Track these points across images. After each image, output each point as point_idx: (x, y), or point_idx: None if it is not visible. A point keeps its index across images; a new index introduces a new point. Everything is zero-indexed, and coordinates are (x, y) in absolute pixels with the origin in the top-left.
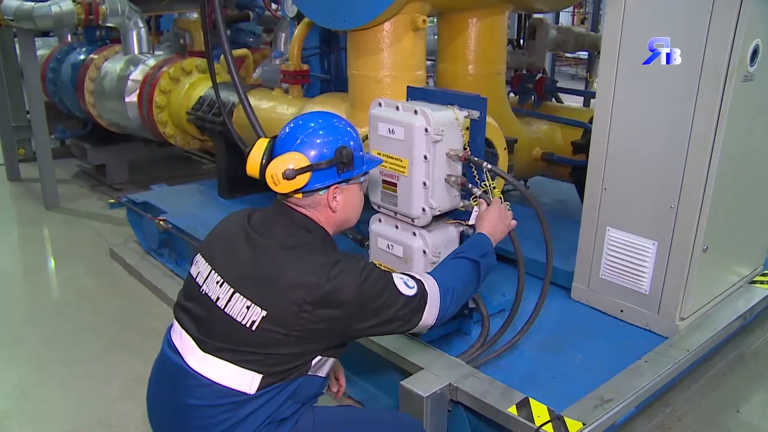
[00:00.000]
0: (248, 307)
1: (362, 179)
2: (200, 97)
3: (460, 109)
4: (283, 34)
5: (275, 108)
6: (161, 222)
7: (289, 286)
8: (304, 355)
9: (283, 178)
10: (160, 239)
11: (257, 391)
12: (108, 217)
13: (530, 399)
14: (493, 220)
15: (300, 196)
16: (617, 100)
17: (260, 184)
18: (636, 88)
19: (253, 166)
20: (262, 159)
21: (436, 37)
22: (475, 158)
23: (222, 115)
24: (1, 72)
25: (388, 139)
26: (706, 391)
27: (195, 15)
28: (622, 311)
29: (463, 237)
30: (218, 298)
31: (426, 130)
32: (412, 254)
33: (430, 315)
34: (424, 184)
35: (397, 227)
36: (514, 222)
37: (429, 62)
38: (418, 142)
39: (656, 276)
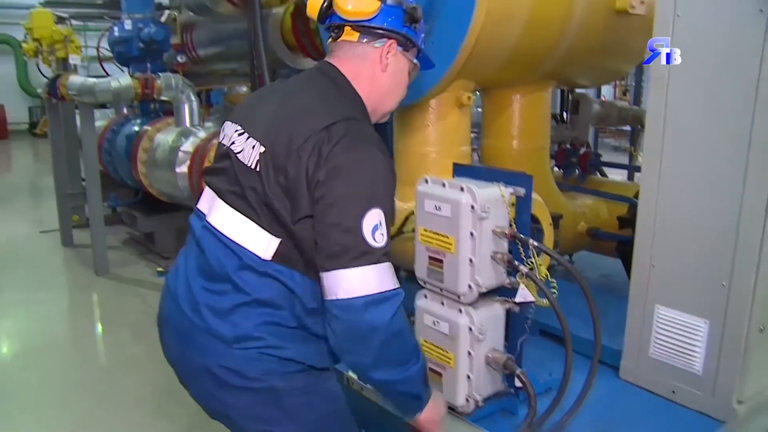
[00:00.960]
0: (253, 147)
1: (415, 61)
2: None
3: (506, 186)
4: None
5: None
6: None
7: (291, 121)
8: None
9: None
10: None
11: (272, 258)
12: (155, 284)
13: None
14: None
15: (356, 36)
16: (664, 175)
17: None
18: (683, 162)
19: (316, 1)
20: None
21: (479, 109)
22: (522, 236)
23: None
24: (61, 141)
25: (435, 216)
26: None
27: (244, 89)
28: (673, 392)
29: (509, 314)
30: (239, 150)
31: (472, 207)
32: (458, 331)
33: (365, 277)
34: (470, 261)
35: (443, 304)
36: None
37: (473, 134)
38: (465, 220)
39: (709, 356)
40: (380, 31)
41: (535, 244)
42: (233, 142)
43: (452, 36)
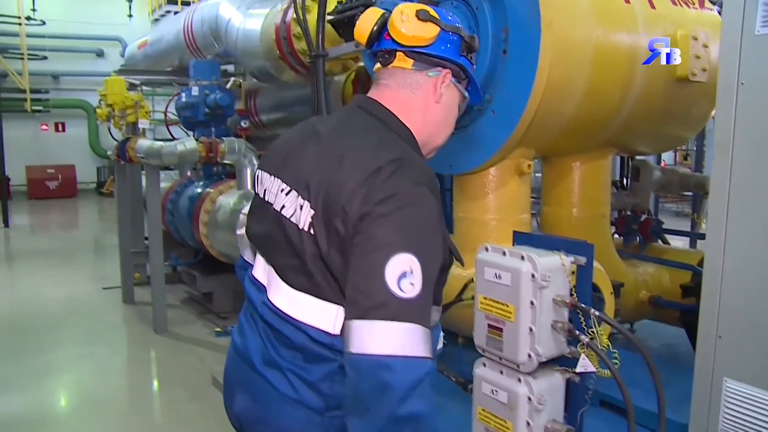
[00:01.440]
0: (302, 207)
1: (466, 94)
2: None
3: (567, 255)
4: None
5: None
6: None
7: (336, 172)
8: None
9: (419, 19)
10: None
11: (340, 332)
12: (212, 344)
13: None
14: None
15: (411, 62)
16: (729, 243)
17: None
18: (750, 230)
19: (363, 27)
20: (375, 23)
21: (537, 174)
22: (582, 305)
23: None
24: (126, 201)
25: (495, 284)
26: None
27: None
28: None
29: (569, 384)
30: (289, 211)
31: (533, 276)
32: (516, 401)
33: (383, 336)
34: (530, 329)
35: (501, 372)
36: None
37: (532, 199)
38: (525, 288)
39: None
40: (436, 60)
41: (596, 313)
42: (280, 202)
43: (513, 105)
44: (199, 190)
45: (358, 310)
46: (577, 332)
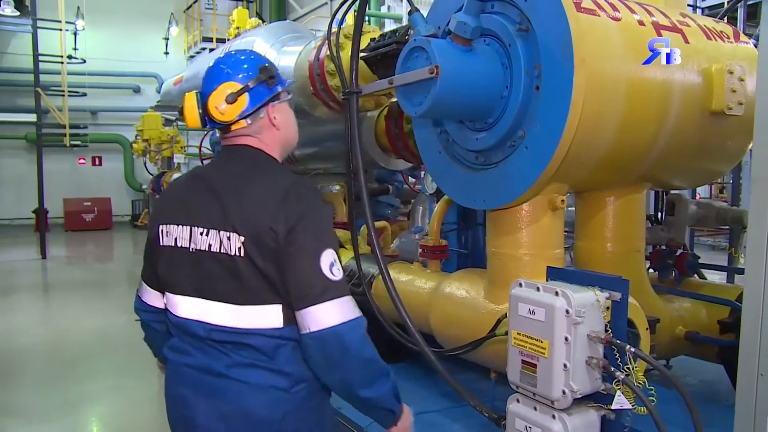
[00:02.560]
0: (229, 238)
1: (289, 95)
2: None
3: (601, 291)
4: (421, 208)
5: (414, 281)
6: None
7: (250, 205)
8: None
9: (227, 103)
10: None
11: (284, 324)
12: None
13: None
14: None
15: (244, 124)
16: None
17: (394, 356)
18: None
19: (192, 116)
20: (198, 108)
21: (570, 209)
22: (618, 341)
23: (362, 286)
24: None
25: (529, 319)
26: None
27: (337, 188)
28: None
29: (604, 421)
30: (214, 245)
31: (567, 311)
32: None
33: (335, 310)
34: (565, 366)
35: (535, 409)
36: None
37: (566, 233)
38: (559, 324)
39: None
40: (260, 109)
41: (632, 349)
42: (202, 243)
43: (546, 141)
44: None
45: (309, 299)
46: (612, 368)
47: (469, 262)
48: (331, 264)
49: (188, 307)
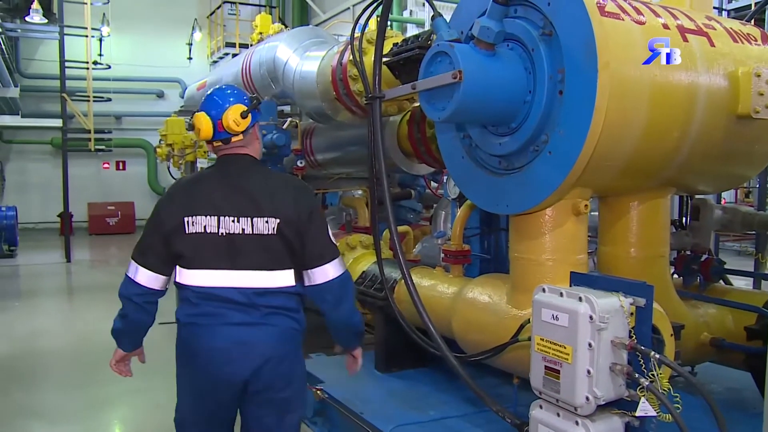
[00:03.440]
0: (267, 221)
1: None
2: (363, 271)
3: (626, 296)
4: (443, 213)
5: (436, 286)
6: (318, 392)
7: (279, 197)
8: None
9: (241, 118)
10: (315, 408)
11: (295, 282)
12: None
13: None
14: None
15: (242, 137)
16: None
17: (417, 361)
18: None
19: (207, 128)
20: (211, 122)
21: (594, 213)
22: (642, 347)
23: (384, 291)
24: None
25: (552, 325)
26: None
27: (359, 192)
28: None
29: (628, 429)
30: (249, 228)
31: (591, 317)
32: None
33: (338, 266)
34: (588, 372)
35: (558, 415)
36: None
37: (589, 238)
38: (583, 330)
39: None
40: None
41: (656, 355)
42: (234, 227)
43: (570, 145)
44: None
45: (326, 258)
46: (637, 375)
47: (492, 267)
48: (332, 235)
49: (221, 278)
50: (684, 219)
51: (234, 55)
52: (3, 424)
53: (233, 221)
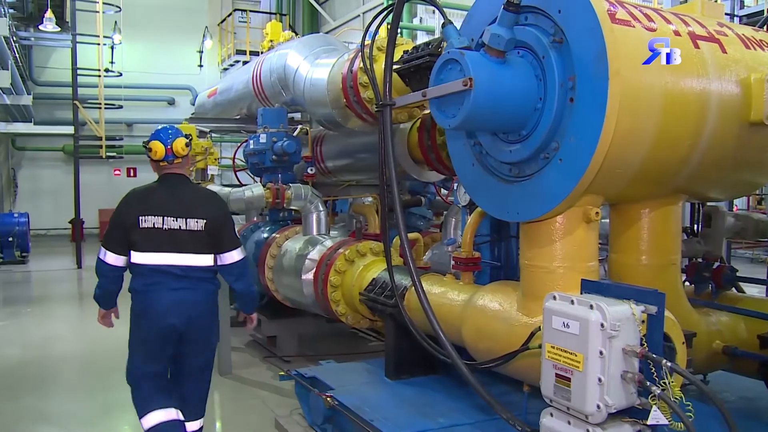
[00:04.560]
0: (197, 221)
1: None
2: (373, 279)
3: (637, 304)
4: (454, 220)
5: (446, 294)
6: (328, 399)
7: (201, 204)
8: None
9: (185, 146)
10: (325, 415)
11: (213, 263)
12: (276, 387)
13: None
14: None
15: (180, 160)
16: None
17: (427, 368)
18: None
19: (161, 153)
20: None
21: (605, 221)
22: (653, 355)
23: (394, 298)
24: None
25: (563, 333)
26: None
27: (369, 200)
28: None
29: None
30: (179, 227)
31: (602, 325)
32: None
33: (240, 252)
34: (599, 380)
35: (569, 423)
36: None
37: (600, 245)
38: (594, 338)
39: None
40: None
41: (668, 363)
42: (176, 224)
43: (580, 153)
44: (265, 234)
45: (234, 245)
46: (648, 383)
47: (502, 275)
48: (236, 232)
49: (165, 258)
50: (696, 226)
51: (244, 63)
52: (15, 429)
53: (173, 220)
